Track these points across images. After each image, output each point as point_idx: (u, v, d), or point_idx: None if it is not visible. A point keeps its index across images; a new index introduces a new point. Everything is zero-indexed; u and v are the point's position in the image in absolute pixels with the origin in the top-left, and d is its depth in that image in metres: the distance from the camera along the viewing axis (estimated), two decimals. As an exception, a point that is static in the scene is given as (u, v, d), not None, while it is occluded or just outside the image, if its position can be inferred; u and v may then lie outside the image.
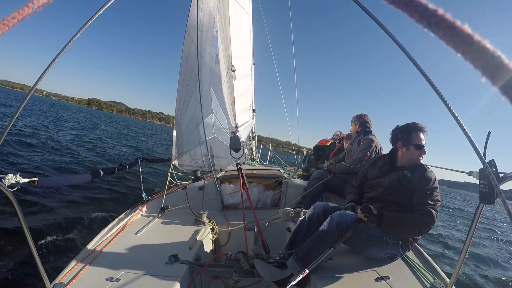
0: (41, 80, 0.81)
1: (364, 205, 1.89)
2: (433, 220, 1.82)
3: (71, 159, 8.35)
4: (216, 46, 3.99)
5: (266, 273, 1.82)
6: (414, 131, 2.08)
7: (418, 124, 2.11)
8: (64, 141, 10.85)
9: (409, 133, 2.08)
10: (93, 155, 9.72)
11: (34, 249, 1.18)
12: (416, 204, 1.92)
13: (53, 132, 12.67)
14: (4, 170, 4.90)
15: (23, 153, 7.46)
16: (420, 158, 2.07)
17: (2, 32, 0.33)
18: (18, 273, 2.65)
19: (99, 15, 0.79)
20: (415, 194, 1.94)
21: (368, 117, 3.35)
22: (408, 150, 2.08)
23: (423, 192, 1.91)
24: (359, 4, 0.69)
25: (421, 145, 2.05)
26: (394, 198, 2.02)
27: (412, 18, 0.26)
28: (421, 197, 1.90)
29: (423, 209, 1.85)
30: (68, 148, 9.87)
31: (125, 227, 2.36)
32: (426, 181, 1.93)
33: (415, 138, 2.07)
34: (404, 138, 2.10)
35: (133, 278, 1.63)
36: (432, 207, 1.84)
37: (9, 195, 1.06)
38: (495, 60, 0.23)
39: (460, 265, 1.51)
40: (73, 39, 0.78)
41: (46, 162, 7.16)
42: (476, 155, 0.76)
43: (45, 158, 7.51)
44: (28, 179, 1.55)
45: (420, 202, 1.89)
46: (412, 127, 2.10)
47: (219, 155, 4.95)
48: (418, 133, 2.08)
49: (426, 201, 1.86)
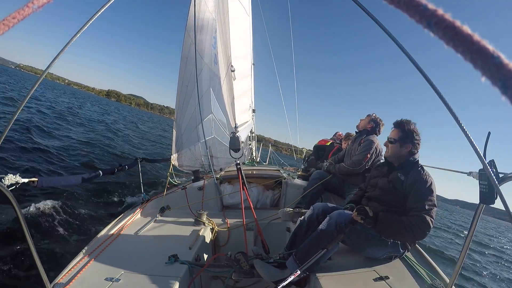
0: (45, 74, 0.81)
1: (360, 207, 1.85)
2: (429, 227, 1.76)
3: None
4: (215, 47, 3.99)
5: (265, 273, 1.82)
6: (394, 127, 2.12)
7: (398, 120, 2.12)
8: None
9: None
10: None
11: (34, 249, 1.18)
12: (410, 209, 1.86)
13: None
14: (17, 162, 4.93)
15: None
16: (401, 152, 2.04)
17: (2, 32, 0.33)
18: (18, 273, 2.65)
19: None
20: (409, 197, 1.88)
21: (383, 126, 3.25)
22: (390, 145, 2.11)
23: (417, 196, 1.85)
24: (358, 4, 0.69)
25: (389, 138, 2.08)
26: (388, 199, 2.01)
27: (412, 18, 0.26)
28: (415, 201, 1.84)
29: (417, 215, 1.79)
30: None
31: (125, 227, 2.36)
32: (421, 183, 1.87)
33: (390, 133, 2.11)
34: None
35: (133, 278, 1.63)
36: (427, 213, 1.78)
37: (8, 195, 1.06)
38: (495, 60, 0.23)
39: (460, 265, 1.51)
40: (86, 25, 0.76)
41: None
42: (476, 155, 0.76)
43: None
44: (27, 179, 1.55)
45: (414, 207, 1.83)
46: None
47: (218, 155, 4.96)
48: (393, 129, 2.10)
49: (421, 206, 1.80)
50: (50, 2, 0.37)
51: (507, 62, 0.23)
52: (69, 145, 8.64)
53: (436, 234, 11.89)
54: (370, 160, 3.06)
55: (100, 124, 17.47)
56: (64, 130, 11.22)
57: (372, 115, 3.29)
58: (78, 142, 9.48)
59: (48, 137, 8.97)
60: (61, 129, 11.28)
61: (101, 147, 9.70)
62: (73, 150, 8.22)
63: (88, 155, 8.23)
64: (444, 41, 0.25)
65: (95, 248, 1.94)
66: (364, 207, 1.84)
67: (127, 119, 31.88)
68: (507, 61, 0.23)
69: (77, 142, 9.43)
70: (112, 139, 12.50)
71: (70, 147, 8.43)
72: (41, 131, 9.25)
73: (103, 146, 10.01)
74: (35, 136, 8.26)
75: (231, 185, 3.30)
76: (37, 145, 7.16)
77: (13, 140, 6.85)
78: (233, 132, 2.48)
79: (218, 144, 4.94)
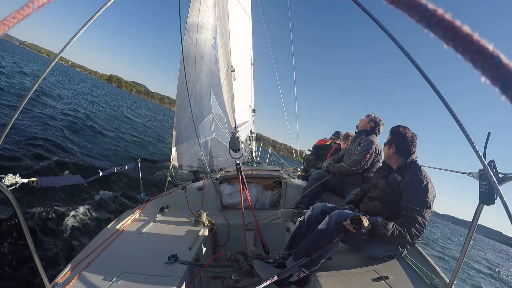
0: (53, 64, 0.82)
1: (355, 215, 1.78)
2: (421, 227, 1.76)
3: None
4: (215, 47, 3.99)
5: (265, 274, 1.82)
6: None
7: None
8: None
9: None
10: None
11: (33, 249, 1.18)
12: (402, 208, 1.85)
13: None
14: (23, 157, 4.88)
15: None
16: (389, 153, 2.15)
17: (3, 32, 0.33)
18: (17, 273, 2.65)
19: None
20: (403, 196, 1.90)
21: (382, 126, 3.27)
22: (383, 148, 2.25)
23: (410, 195, 1.85)
24: (358, 4, 0.69)
25: (384, 143, 2.22)
26: (388, 199, 2.03)
27: (412, 18, 0.26)
28: (407, 200, 1.84)
29: (408, 215, 1.78)
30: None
31: (125, 227, 2.36)
32: (415, 183, 1.88)
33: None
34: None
35: (133, 278, 1.62)
36: (419, 213, 1.77)
37: (8, 195, 1.06)
38: (494, 60, 0.23)
39: (459, 265, 1.51)
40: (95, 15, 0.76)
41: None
42: (476, 156, 0.76)
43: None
44: (27, 179, 1.55)
45: (405, 206, 1.82)
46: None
47: (218, 156, 4.96)
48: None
49: (411, 205, 1.79)
50: (50, 1, 0.37)
51: (507, 62, 0.23)
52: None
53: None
54: (370, 160, 3.06)
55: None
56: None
57: (372, 115, 3.30)
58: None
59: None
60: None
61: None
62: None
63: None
64: (444, 41, 0.25)
65: (95, 248, 1.94)
66: (359, 216, 1.75)
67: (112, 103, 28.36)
68: (507, 61, 0.23)
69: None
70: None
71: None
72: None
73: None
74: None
75: (230, 185, 3.30)
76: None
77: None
78: (233, 132, 2.48)
79: (218, 144, 4.95)
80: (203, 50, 4.06)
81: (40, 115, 9.47)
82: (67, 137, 8.09)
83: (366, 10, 0.69)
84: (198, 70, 4.12)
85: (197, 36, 3.86)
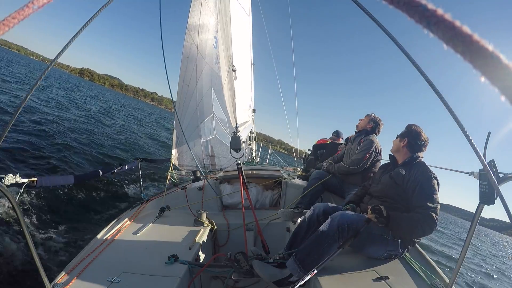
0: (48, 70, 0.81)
1: (375, 206, 1.86)
2: (435, 224, 1.80)
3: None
4: (217, 46, 3.99)
5: (264, 274, 1.82)
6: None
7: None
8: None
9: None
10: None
11: (33, 249, 1.18)
12: (416, 207, 1.88)
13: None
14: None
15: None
16: (399, 145, 2.18)
17: (3, 32, 0.33)
18: (17, 273, 2.65)
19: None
20: (414, 195, 1.90)
21: (382, 126, 3.29)
22: (394, 140, 2.29)
23: (422, 195, 1.87)
24: (358, 4, 0.69)
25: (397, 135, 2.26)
26: (390, 194, 2.05)
27: (412, 18, 0.26)
28: (420, 199, 1.86)
29: (424, 213, 1.81)
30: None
31: (125, 227, 2.36)
32: (424, 180, 1.90)
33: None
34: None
35: (133, 278, 1.63)
36: (433, 210, 1.81)
37: (8, 195, 1.06)
38: (494, 60, 0.23)
39: (459, 265, 1.51)
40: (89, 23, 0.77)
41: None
42: (476, 156, 0.76)
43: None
44: (27, 179, 1.56)
45: (420, 205, 1.85)
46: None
47: (219, 155, 4.96)
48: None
49: (426, 204, 1.83)
50: (50, 1, 0.37)
51: (507, 62, 0.23)
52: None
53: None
54: (370, 160, 3.07)
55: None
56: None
57: (372, 115, 3.30)
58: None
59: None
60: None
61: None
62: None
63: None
64: (444, 41, 0.25)
65: (95, 248, 1.94)
66: (379, 206, 1.85)
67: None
68: (507, 61, 0.23)
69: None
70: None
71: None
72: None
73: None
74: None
75: (230, 185, 3.30)
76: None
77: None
78: (234, 132, 2.48)
79: (219, 143, 4.95)
80: (204, 50, 4.06)
81: (32, 119, 9.26)
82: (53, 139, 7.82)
83: (366, 10, 0.69)
84: (199, 70, 4.12)
85: (198, 35, 3.86)
